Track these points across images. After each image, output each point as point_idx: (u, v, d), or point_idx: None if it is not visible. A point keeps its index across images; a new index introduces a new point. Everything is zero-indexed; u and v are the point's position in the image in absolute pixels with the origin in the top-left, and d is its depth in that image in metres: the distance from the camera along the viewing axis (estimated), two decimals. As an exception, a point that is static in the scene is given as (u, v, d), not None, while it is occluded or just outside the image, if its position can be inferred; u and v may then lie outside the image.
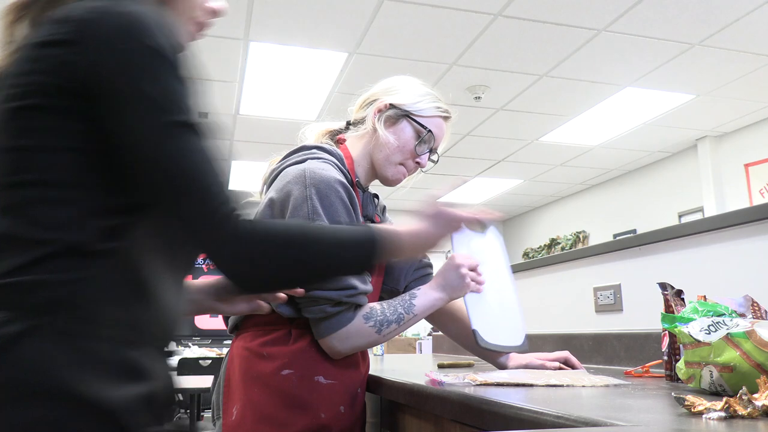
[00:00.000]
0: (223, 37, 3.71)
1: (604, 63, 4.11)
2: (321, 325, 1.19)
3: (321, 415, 1.21)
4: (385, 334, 1.23)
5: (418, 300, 1.26)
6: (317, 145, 1.33)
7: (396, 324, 1.24)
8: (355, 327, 1.20)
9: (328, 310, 1.18)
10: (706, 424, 0.61)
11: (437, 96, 1.38)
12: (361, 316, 1.21)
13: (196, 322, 7.59)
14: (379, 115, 1.34)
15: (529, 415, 0.73)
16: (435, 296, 1.27)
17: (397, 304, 1.25)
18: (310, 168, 1.22)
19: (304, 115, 4.94)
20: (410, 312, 1.25)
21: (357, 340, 1.21)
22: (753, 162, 5.43)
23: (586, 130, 5.44)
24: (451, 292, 1.27)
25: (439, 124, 1.36)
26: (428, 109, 1.34)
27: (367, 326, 1.20)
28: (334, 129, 1.45)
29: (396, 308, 1.24)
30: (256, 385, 1.21)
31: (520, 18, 3.53)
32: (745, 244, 1.30)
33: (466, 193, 7.67)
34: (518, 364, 1.38)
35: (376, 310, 1.23)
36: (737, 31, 3.69)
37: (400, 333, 1.28)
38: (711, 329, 0.86)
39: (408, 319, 1.25)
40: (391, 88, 1.37)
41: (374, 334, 1.21)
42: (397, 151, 1.33)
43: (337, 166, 1.28)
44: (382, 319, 1.22)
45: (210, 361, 4.43)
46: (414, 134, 1.33)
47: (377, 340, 1.24)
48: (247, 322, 1.28)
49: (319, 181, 1.19)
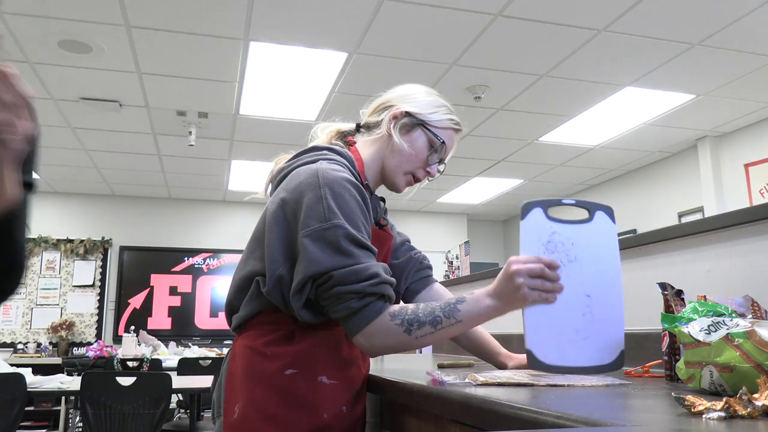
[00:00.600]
0: (223, 37, 3.71)
1: (604, 63, 4.10)
2: (349, 322, 1.14)
3: (323, 414, 1.21)
4: (417, 336, 1.12)
5: (465, 305, 1.14)
6: (328, 147, 1.32)
7: (431, 327, 1.12)
8: (381, 323, 1.12)
9: (353, 306, 1.12)
10: (706, 424, 0.61)
11: (450, 108, 1.38)
12: (388, 313, 1.13)
13: (196, 322, 7.59)
14: (395, 122, 1.33)
15: (529, 415, 0.73)
16: (487, 304, 1.14)
17: (438, 306, 1.14)
18: (322, 168, 1.20)
19: (304, 115, 4.94)
20: (452, 317, 1.12)
21: (384, 338, 1.13)
22: (753, 162, 5.43)
23: (586, 130, 5.43)
24: (507, 302, 1.13)
25: (451, 136, 1.36)
26: (442, 120, 1.34)
27: (392, 324, 1.12)
28: (345, 130, 1.44)
29: (434, 310, 1.13)
30: (259, 384, 1.21)
31: (520, 18, 3.53)
32: (745, 244, 1.30)
33: (466, 193, 7.67)
34: (519, 365, 1.38)
35: (406, 309, 1.14)
36: (737, 31, 3.69)
37: (441, 339, 1.16)
38: (711, 329, 0.86)
39: (449, 325, 1.12)
40: (407, 95, 1.37)
41: (402, 333, 1.12)
42: (410, 159, 1.33)
43: (348, 168, 1.27)
44: (412, 318, 1.12)
45: (210, 361, 4.43)
46: (427, 144, 1.33)
47: (408, 342, 1.13)
48: (250, 321, 1.28)
49: (332, 181, 1.18)
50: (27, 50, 3.84)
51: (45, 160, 6.22)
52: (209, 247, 7.79)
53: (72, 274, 7.38)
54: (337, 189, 1.17)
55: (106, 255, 7.53)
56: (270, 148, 5.74)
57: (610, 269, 1.17)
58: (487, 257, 8.99)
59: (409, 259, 1.54)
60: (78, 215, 7.56)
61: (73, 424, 4.79)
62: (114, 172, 6.68)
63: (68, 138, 5.51)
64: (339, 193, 1.17)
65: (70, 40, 3.70)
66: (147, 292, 7.53)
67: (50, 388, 3.37)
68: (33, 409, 6.10)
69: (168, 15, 3.46)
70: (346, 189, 1.18)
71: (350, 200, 1.17)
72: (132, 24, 3.55)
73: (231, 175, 6.76)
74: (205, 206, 7.93)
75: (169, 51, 3.88)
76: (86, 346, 6.48)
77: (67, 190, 7.46)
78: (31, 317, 7.16)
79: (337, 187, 1.17)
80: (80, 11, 3.40)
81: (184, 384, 3.55)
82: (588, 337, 1.14)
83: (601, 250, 1.17)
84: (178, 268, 7.67)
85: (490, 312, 1.14)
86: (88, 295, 7.39)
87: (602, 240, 1.18)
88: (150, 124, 5.18)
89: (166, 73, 4.21)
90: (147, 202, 7.77)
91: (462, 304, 1.14)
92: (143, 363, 4.91)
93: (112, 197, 7.68)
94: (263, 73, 4.23)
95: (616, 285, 1.18)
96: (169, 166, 6.44)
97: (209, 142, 5.60)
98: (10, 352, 6.85)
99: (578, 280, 1.13)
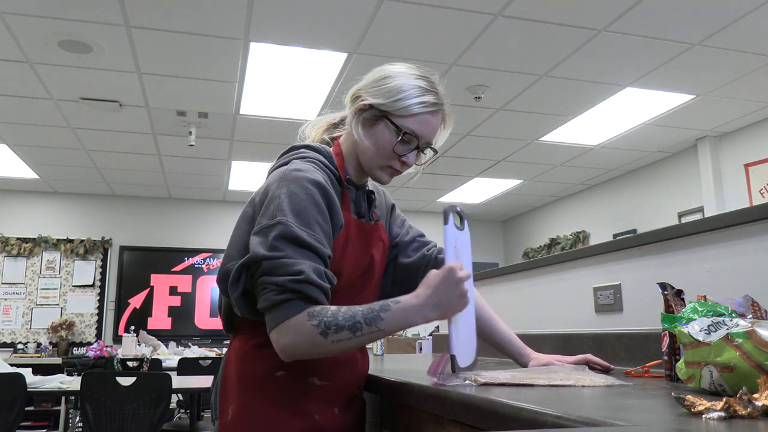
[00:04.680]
0: (223, 37, 3.71)
1: (604, 63, 4.10)
2: (268, 316, 1.10)
3: (315, 416, 1.21)
4: (333, 340, 1.07)
5: (391, 315, 1.09)
6: (306, 144, 1.32)
7: (349, 332, 1.07)
8: (297, 321, 1.07)
9: (273, 298, 1.08)
10: (706, 424, 0.61)
11: (427, 87, 1.26)
12: (306, 312, 1.08)
13: (196, 322, 7.60)
14: (358, 117, 1.28)
15: (529, 415, 0.73)
16: (419, 315, 1.10)
17: (361, 311, 1.09)
18: (288, 169, 1.20)
19: (304, 115, 4.94)
20: (374, 325, 1.08)
21: (296, 337, 1.07)
22: (753, 162, 5.43)
23: (586, 130, 5.43)
24: (448, 309, 1.11)
25: (425, 120, 1.25)
26: (411, 106, 1.23)
27: (309, 324, 1.06)
28: (335, 121, 1.43)
29: (355, 315, 1.08)
30: (251, 386, 1.21)
31: (520, 18, 3.53)
32: (745, 244, 1.30)
33: (466, 193, 7.67)
34: (538, 365, 1.37)
35: (327, 311, 1.08)
36: (737, 31, 3.69)
37: (361, 345, 1.12)
38: (711, 329, 0.86)
39: (369, 332, 1.08)
40: (375, 82, 1.28)
41: (317, 335, 1.06)
42: (377, 154, 1.26)
43: (322, 165, 1.26)
44: (330, 321, 1.06)
45: (210, 361, 4.44)
46: (393, 136, 1.25)
47: (324, 345, 1.07)
48: (243, 323, 1.28)
49: (291, 180, 1.17)
50: (27, 50, 3.84)
51: (45, 160, 6.22)
52: (209, 247, 7.79)
53: (72, 274, 7.38)
54: (293, 188, 1.16)
55: (106, 255, 7.53)
56: (270, 148, 5.73)
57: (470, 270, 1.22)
58: (487, 257, 8.99)
59: (422, 258, 1.45)
60: (78, 215, 7.56)
61: (73, 424, 4.79)
62: (114, 172, 6.68)
63: (68, 138, 5.50)
64: (294, 192, 1.16)
65: (70, 40, 3.70)
66: (147, 292, 7.53)
67: (50, 388, 3.37)
68: (33, 409, 6.10)
69: (168, 15, 3.46)
70: (304, 188, 1.16)
71: (304, 199, 1.15)
72: (132, 24, 3.55)
73: (231, 175, 6.76)
74: (205, 206, 7.93)
75: (169, 51, 3.87)
76: (86, 346, 6.48)
77: (67, 190, 7.46)
78: (31, 317, 7.16)
79: (294, 187, 1.16)
80: (80, 11, 3.40)
81: (184, 384, 3.55)
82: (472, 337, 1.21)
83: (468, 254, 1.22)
84: (178, 268, 7.67)
85: (421, 322, 1.11)
86: (88, 295, 7.39)
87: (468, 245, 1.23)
88: (150, 124, 5.18)
89: (166, 73, 4.21)
90: (147, 202, 7.78)
91: (387, 313, 1.09)
92: (143, 363, 4.91)
93: (112, 197, 7.68)
94: (263, 73, 4.23)
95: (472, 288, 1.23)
96: (169, 166, 6.44)
97: (209, 142, 5.60)
98: (10, 352, 6.85)
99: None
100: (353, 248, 1.27)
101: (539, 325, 2.06)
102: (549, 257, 2.05)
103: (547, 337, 1.91)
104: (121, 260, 7.54)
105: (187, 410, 4.82)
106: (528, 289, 2.17)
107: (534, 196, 7.93)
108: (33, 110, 4.84)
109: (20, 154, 6.03)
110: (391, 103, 1.24)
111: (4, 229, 7.29)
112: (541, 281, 2.11)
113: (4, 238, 7.23)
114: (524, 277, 2.19)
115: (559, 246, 7.91)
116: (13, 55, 3.89)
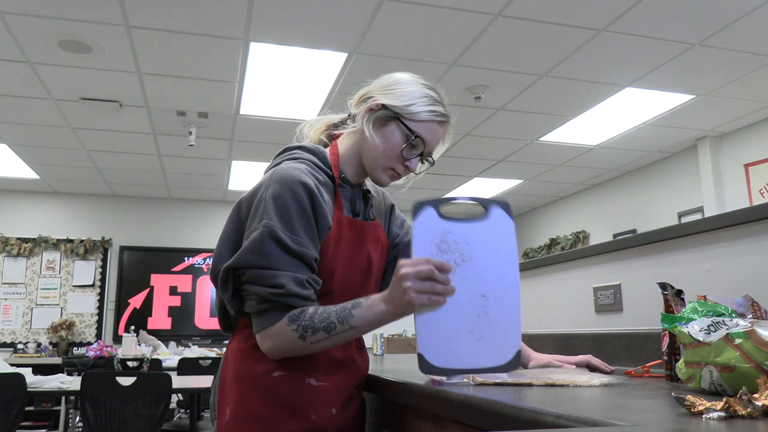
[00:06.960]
0: (223, 37, 3.71)
1: (604, 63, 4.10)
2: (253, 320, 1.18)
3: (312, 417, 1.21)
4: (312, 341, 1.13)
5: (360, 311, 1.12)
6: (300, 145, 1.33)
7: (325, 333, 1.12)
8: (279, 328, 1.14)
9: (256, 306, 1.15)
10: (706, 424, 0.61)
11: (437, 98, 1.28)
12: (287, 317, 1.13)
13: (196, 322, 7.60)
14: (369, 115, 1.28)
15: (529, 415, 0.73)
16: (381, 309, 1.11)
17: (334, 311, 1.13)
18: (277, 170, 1.22)
19: (304, 115, 4.92)
20: (346, 323, 1.12)
21: (279, 342, 1.14)
22: (753, 162, 5.43)
23: (586, 130, 5.43)
24: (397, 307, 1.09)
25: (433, 129, 1.27)
26: (422, 112, 1.25)
27: (289, 329, 1.13)
28: (335, 122, 1.44)
29: (329, 316, 1.13)
30: (248, 387, 1.21)
31: (520, 18, 3.53)
32: (745, 244, 1.30)
33: (466, 193, 7.67)
34: (538, 365, 1.37)
35: (306, 314, 1.13)
36: (737, 31, 3.69)
37: (338, 343, 1.16)
38: (711, 329, 0.86)
39: (342, 330, 1.12)
40: (387, 86, 1.30)
41: (297, 339, 1.13)
42: (384, 154, 1.27)
43: (313, 166, 1.27)
44: (307, 324, 1.12)
45: (210, 361, 4.44)
46: (403, 138, 1.26)
47: (304, 347, 1.14)
48: (240, 323, 1.28)
49: (278, 182, 1.19)
50: (27, 50, 3.84)
51: (45, 160, 6.22)
52: (209, 247, 7.79)
53: (72, 274, 7.38)
54: (279, 190, 1.17)
55: (106, 255, 7.53)
56: (270, 148, 5.73)
57: (507, 267, 1.11)
58: (487, 257, 8.98)
59: None
60: (78, 215, 7.56)
61: (73, 424, 4.79)
62: (114, 172, 6.67)
63: (68, 138, 5.50)
64: (280, 194, 1.17)
65: (70, 40, 3.70)
66: (147, 292, 7.53)
67: (50, 388, 3.37)
68: (33, 409, 6.10)
69: (168, 15, 3.46)
70: (290, 190, 1.17)
71: (290, 201, 1.17)
72: (132, 24, 3.55)
73: (231, 175, 6.76)
74: (205, 206, 7.93)
75: (169, 51, 3.87)
76: (86, 346, 6.48)
77: (67, 190, 7.46)
78: (31, 317, 7.16)
79: (280, 188, 1.18)
80: (80, 11, 3.40)
81: (184, 384, 3.55)
82: (483, 338, 1.09)
83: (498, 247, 1.12)
84: (178, 267, 7.67)
85: (383, 317, 1.12)
86: (88, 295, 7.39)
87: (499, 237, 1.12)
88: (150, 124, 5.18)
89: (166, 73, 4.21)
90: (147, 202, 7.78)
91: (357, 309, 1.13)
92: (143, 363, 4.91)
93: (112, 197, 7.68)
94: (263, 73, 4.23)
95: (514, 283, 1.12)
96: (169, 166, 6.44)
97: (209, 142, 5.60)
98: (10, 352, 6.85)
99: (473, 280, 1.09)
100: (346, 246, 1.27)
101: (539, 325, 2.06)
102: (549, 257, 2.05)
103: (547, 337, 1.91)
104: (121, 260, 7.54)
105: (187, 410, 4.82)
106: (528, 289, 2.17)
107: (534, 196, 7.93)
108: (33, 110, 4.84)
109: (20, 154, 6.03)
110: (404, 106, 1.26)
111: (4, 229, 7.29)
112: (541, 281, 2.11)
113: (4, 238, 7.23)
114: (524, 277, 2.19)
115: (559, 246, 7.90)
116: (13, 55, 3.89)
